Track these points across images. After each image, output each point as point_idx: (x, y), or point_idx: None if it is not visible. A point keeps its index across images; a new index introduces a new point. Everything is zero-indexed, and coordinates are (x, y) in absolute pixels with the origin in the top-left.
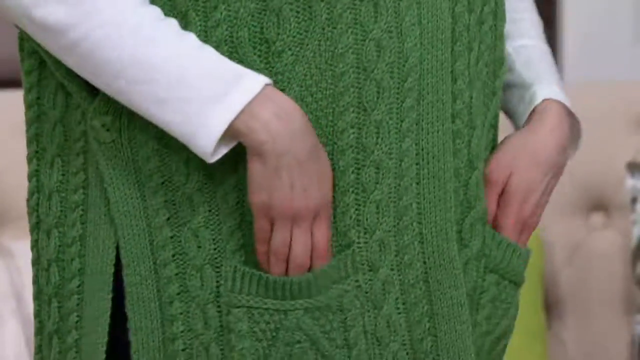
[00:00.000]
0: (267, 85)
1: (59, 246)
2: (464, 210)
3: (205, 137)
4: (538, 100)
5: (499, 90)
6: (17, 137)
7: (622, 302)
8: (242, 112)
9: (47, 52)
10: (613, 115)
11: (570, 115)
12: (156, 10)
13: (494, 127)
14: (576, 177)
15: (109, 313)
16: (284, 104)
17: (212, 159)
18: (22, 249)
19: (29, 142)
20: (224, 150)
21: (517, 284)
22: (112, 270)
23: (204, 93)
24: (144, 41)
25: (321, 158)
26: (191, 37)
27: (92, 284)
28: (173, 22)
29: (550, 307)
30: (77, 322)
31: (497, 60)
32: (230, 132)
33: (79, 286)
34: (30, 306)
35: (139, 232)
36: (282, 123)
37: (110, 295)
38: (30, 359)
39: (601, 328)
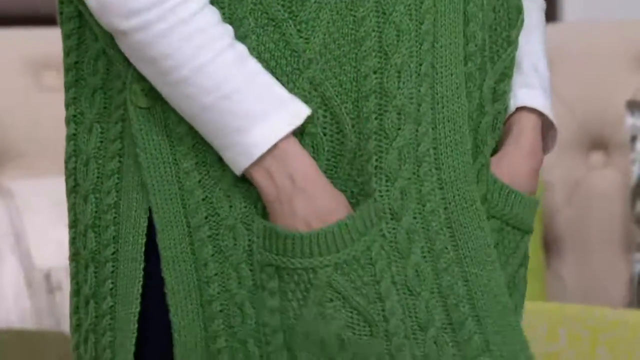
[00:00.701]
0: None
1: (96, 212)
2: (474, 154)
3: (237, 155)
4: (512, 108)
5: (516, 40)
6: (18, 77)
7: (621, 240)
8: (257, 166)
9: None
10: (613, 54)
11: (545, 126)
12: (216, 13)
13: (509, 77)
14: (576, 115)
15: (141, 283)
16: (301, 165)
17: (239, 173)
18: (21, 189)
19: (67, 105)
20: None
21: (521, 230)
22: (144, 239)
23: (250, 112)
24: (204, 45)
25: (333, 218)
26: (245, 51)
27: (126, 252)
28: (229, 29)
29: (550, 245)
30: (111, 289)
31: (512, 8)
32: (246, 174)
33: (113, 253)
34: (29, 245)
35: (171, 196)
36: (294, 187)
37: (142, 265)
38: (30, 297)
39: (600, 266)
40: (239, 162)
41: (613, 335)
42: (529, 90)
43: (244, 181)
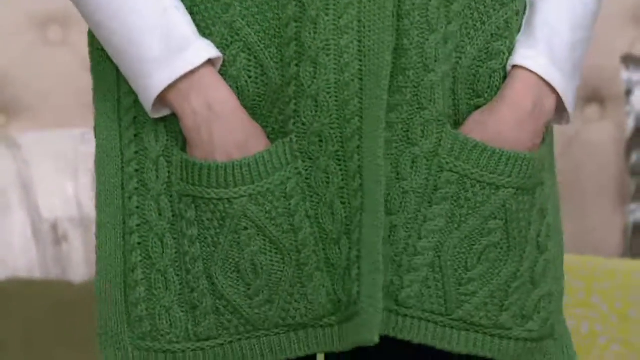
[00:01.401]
0: (209, 61)
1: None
2: (412, 110)
3: (144, 99)
4: (509, 66)
5: (513, 2)
6: (23, 32)
7: (616, 192)
8: (175, 91)
9: None
10: (609, 8)
11: (547, 86)
12: None
13: (506, 38)
14: None
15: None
16: (218, 93)
17: (154, 116)
18: (29, 141)
19: (88, 45)
20: (165, 112)
21: (493, 184)
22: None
23: (149, 54)
24: None
25: (252, 149)
26: None
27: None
28: None
29: None
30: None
31: None
32: (167, 104)
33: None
34: (36, 196)
35: (112, 133)
36: (211, 112)
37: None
38: (37, 248)
39: (595, 217)
40: (145, 106)
41: (607, 285)
42: (526, 50)
43: (171, 118)
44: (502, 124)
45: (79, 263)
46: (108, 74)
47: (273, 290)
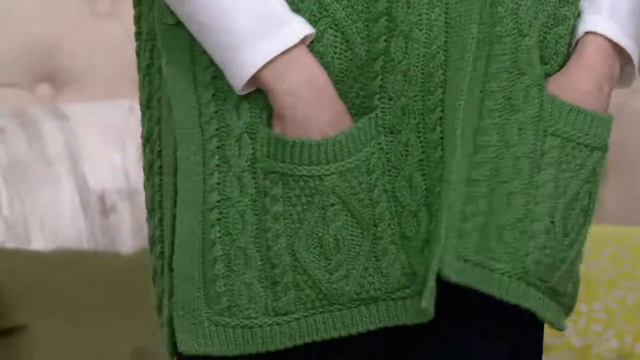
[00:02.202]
0: (305, 37)
1: (149, 127)
2: (512, 77)
3: (234, 78)
4: (580, 33)
5: None
6: (72, 3)
7: None
8: (271, 69)
9: None
10: None
11: (615, 49)
12: None
13: (570, 3)
14: None
15: (174, 196)
16: (313, 70)
17: (242, 92)
18: (77, 112)
19: (135, 24)
20: (251, 89)
21: (588, 146)
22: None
23: (244, 31)
24: None
25: (341, 126)
26: None
27: (167, 166)
28: None
29: None
30: (160, 202)
31: None
32: (258, 81)
33: (160, 167)
34: (84, 167)
35: (190, 109)
36: (309, 90)
37: (175, 179)
38: (85, 220)
39: None
40: (235, 83)
41: None
42: (593, 16)
43: (253, 94)
44: (582, 87)
45: (127, 234)
46: (181, 50)
47: (351, 265)
